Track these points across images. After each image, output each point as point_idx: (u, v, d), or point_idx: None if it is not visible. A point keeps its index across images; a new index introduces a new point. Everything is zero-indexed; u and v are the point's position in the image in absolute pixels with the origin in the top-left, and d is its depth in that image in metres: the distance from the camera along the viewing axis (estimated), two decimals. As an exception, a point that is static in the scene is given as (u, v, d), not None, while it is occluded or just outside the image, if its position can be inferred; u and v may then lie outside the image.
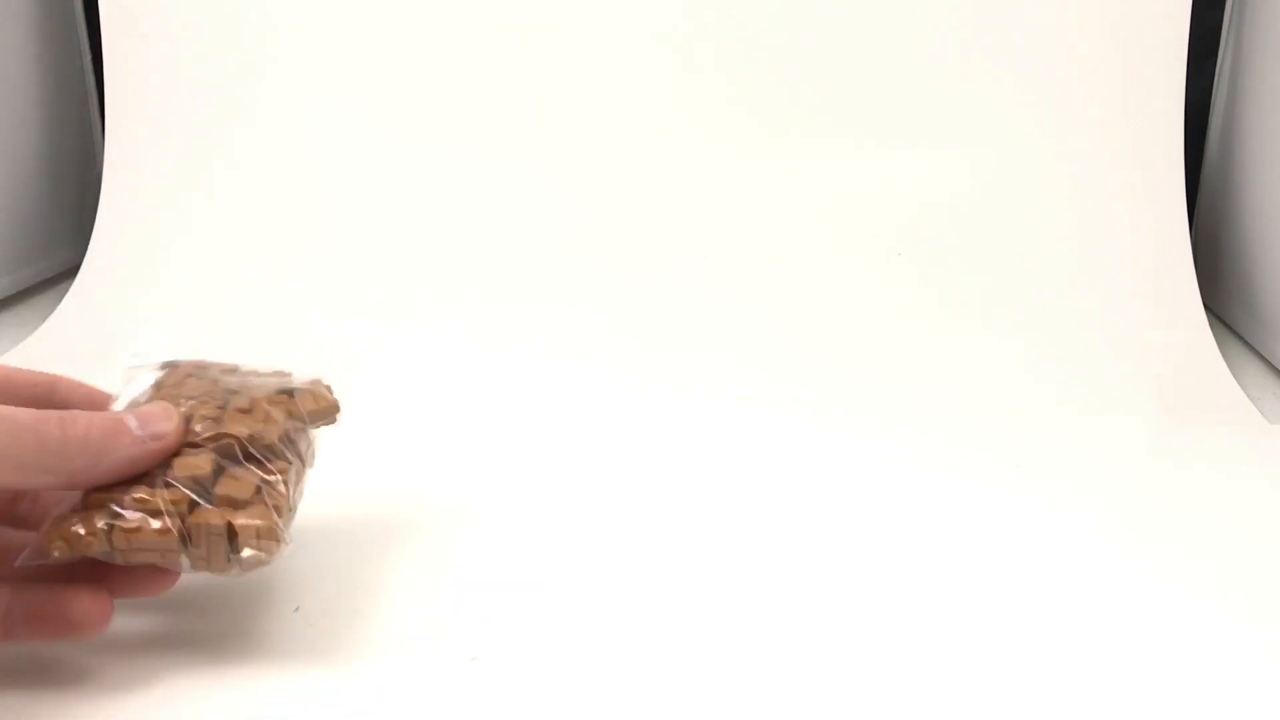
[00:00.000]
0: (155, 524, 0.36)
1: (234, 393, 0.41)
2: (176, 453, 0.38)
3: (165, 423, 0.38)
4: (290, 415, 0.41)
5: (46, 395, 0.40)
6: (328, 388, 0.43)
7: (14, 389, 0.39)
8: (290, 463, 0.39)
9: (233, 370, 0.43)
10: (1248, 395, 0.63)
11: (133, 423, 0.37)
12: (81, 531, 0.35)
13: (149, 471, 0.37)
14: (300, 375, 0.44)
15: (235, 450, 0.38)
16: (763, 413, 0.60)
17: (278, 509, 0.37)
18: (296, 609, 0.41)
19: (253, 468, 0.38)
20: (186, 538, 0.36)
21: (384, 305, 0.72)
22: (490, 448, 0.55)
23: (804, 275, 0.72)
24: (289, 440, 0.40)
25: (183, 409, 0.39)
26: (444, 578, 0.44)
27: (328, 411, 0.43)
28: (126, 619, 0.41)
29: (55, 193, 0.85)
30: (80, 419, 0.36)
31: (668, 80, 0.76)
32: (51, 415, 0.35)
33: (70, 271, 0.78)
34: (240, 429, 0.39)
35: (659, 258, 0.74)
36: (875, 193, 0.74)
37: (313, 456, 0.42)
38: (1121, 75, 0.73)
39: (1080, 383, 0.64)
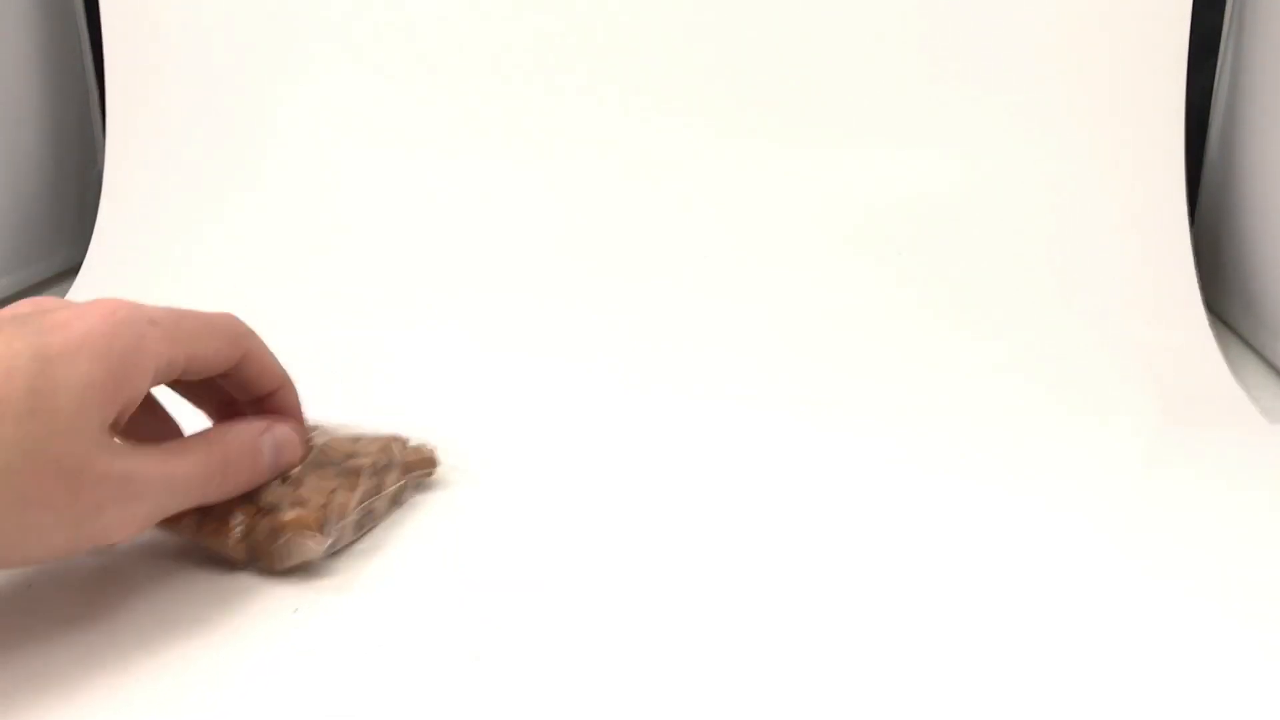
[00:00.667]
0: (231, 535, 0.43)
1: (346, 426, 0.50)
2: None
3: (294, 454, 0.45)
4: (386, 451, 0.48)
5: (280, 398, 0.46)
6: (433, 448, 0.51)
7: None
8: (365, 485, 0.46)
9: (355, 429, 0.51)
10: (1248, 395, 0.63)
11: (268, 456, 0.43)
12: (181, 517, 0.42)
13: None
14: (415, 438, 0.52)
15: (326, 461, 0.46)
16: (762, 412, 0.60)
17: (338, 512, 0.44)
18: (295, 610, 0.41)
19: (330, 477, 0.45)
20: (253, 547, 0.43)
21: (384, 305, 0.72)
22: (490, 448, 0.55)
23: (804, 275, 0.72)
24: (376, 471, 0.47)
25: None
26: (444, 577, 0.44)
27: (425, 463, 0.51)
28: (126, 623, 0.41)
29: (55, 193, 0.85)
30: (240, 465, 0.42)
31: (667, 81, 0.76)
32: (216, 465, 0.41)
33: (70, 271, 0.78)
34: (338, 449, 0.47)
35: (659, 258, 0.74)
36: (875, 193, 0.74)
37: (398, 498, 0.49)
38: (1122, 74, 0.73)
39: (1080, 383, 0.64)
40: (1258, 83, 0.73)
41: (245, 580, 0.43)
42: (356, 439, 0.49)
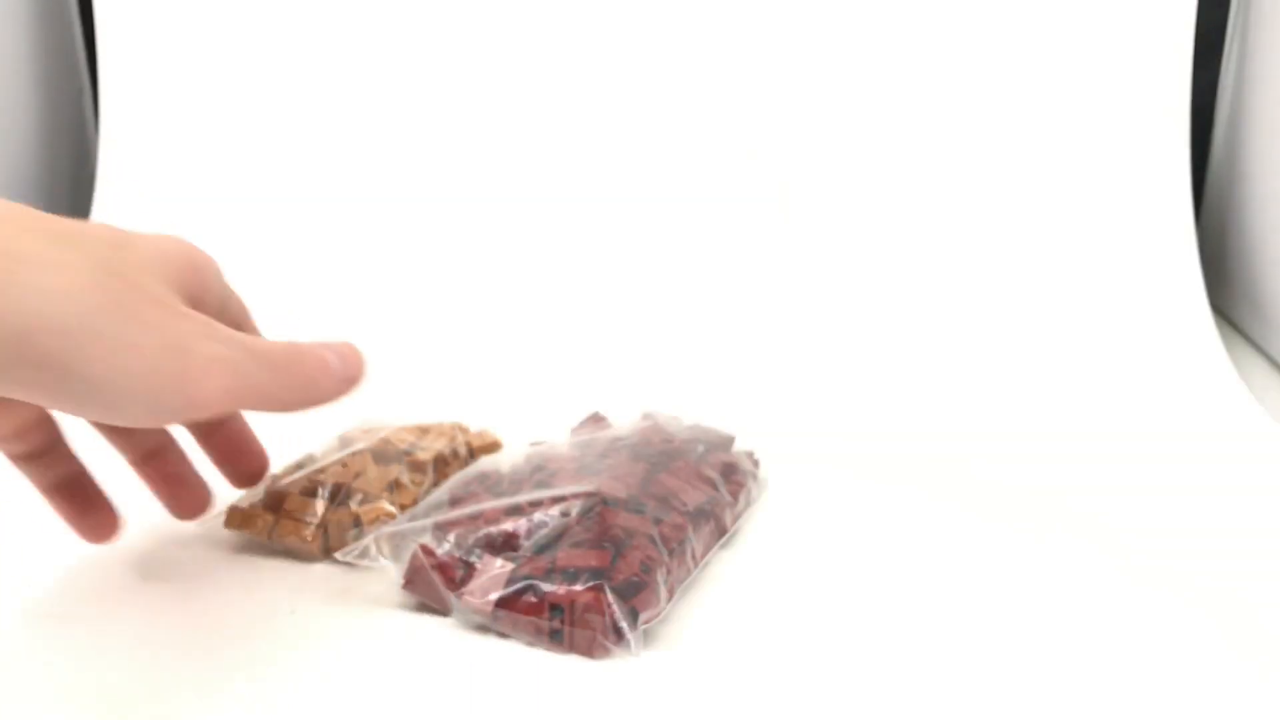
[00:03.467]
0: (304, 532, 0.44)
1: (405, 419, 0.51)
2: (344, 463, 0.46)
3: (359, 365, 0.41)
4: (450, 441, 0.49)
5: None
6: (497, 436, 0.53)
7: None
8: (430, 476, 0.47)
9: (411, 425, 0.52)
10: (1253, 394, 0.63)
11: (335, 363, 0.40)
12: (254, 516, 0.44)
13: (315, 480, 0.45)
14: (476, 425, 0.53)
15: (390, 454, 0.47)
16: (766, 411, 0.60)
17: (402, 506, 0.45)
18: (292, 611, 0.41)
19: (393, 470, 0.46)
20: (325, 540, 0.44)
21: (382, 305, 0.72)
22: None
23: (804, 276, 0.72)
24: (442, 462, 0.48)
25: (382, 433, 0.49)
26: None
27: (491, 447, 0.52)
28: (125, 623, 0.40)
29: (49, 193, 0.85)
30: (311, 362, 0.40)
31: (669, 77, 0.76)
32: (290, 351, 0.39)
33: (64, 271, 0.77)
34: (402, 439, 0.48)
35: (658, 257, 0.73)
36: (876, 193, 0.74)
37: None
38: (1127, 72, 0.73)
39: (1085, 382, 0.64)
40: (1263, 80, 0.73)
41: (242, 582, 0.43)
42: (423, 430, 0.50)
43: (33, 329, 0.32)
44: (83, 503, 0.42)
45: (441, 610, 0.40)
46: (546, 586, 0.39)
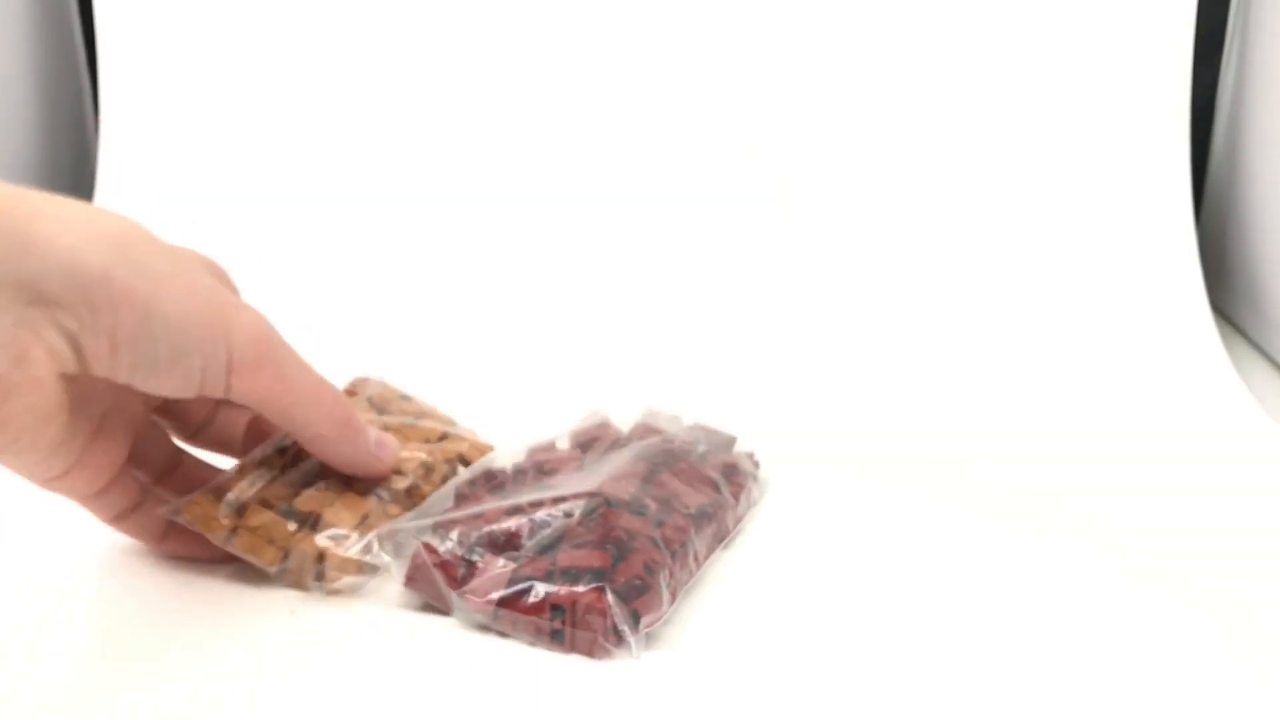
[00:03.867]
0: (265, 554, 0.41)
1: (409, 425, 0.48)
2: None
3: (391, 455, 0.44)
4: (431, 455, 0.46)
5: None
6: (487, 444, 0.50)
7: None
8: (401, 507, 0.44)
9: (408, 400, 0.50)
10: (1253, 394, 0.63)
11: (374, 439, 0.43)
12: (216, 518, 0.41)
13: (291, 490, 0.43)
14: (461, 426, 0.50)
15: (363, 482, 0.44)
16: (766, 412, 0.60)
17: (368, 545, 0.42)
18: (292, 612, 0.41)
19: (368, 503, 0.43)
20: (286, 557, 0.41)
21: (382, 305, 0.71)
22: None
23: (804, 276, 0.72)
24: (417, 492, 0.45)
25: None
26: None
27: (481, 452, 0.49)
28: (124, 623, 0.40)
29: (50, 191, 0.84)
30: (357, 428, 0.42)
31: (669, 77, 0.76)
32: (342, 403, 0.42)
33: (64, 271, 0.77)
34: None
35: (658, 257, 0.73)
36: (876, 194, 0.74)
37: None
38: (1127, 72, 0.72)
39: (1085, 382, 0.64)
40: (1263, 79, 0.73)
41: (243, 582, 0.42)
42: (403, 436, 0.47)
43: (110, 266, 0.35)
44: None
45: (442, 609, 0.40)
46: (548, 587, 0.39)
